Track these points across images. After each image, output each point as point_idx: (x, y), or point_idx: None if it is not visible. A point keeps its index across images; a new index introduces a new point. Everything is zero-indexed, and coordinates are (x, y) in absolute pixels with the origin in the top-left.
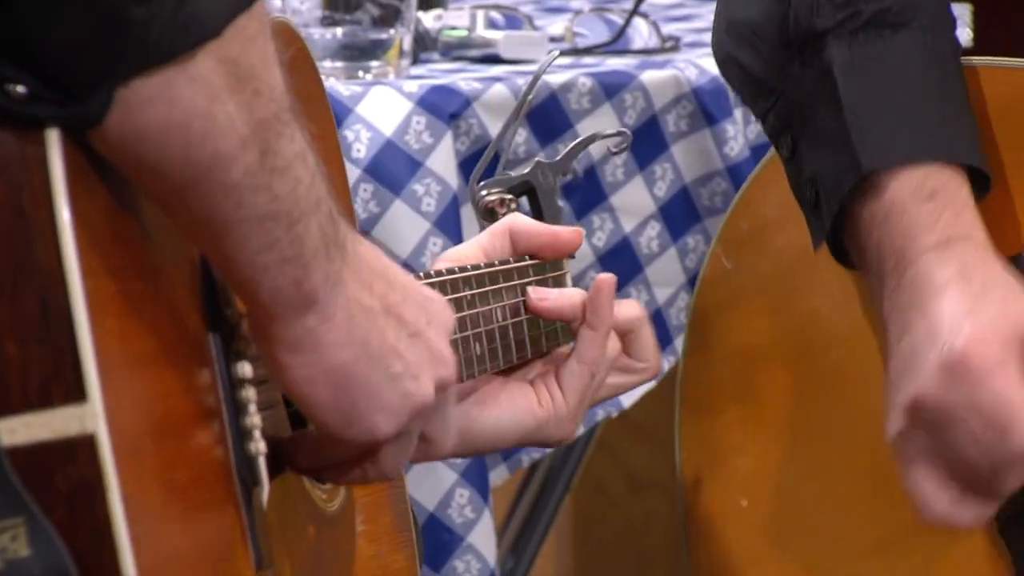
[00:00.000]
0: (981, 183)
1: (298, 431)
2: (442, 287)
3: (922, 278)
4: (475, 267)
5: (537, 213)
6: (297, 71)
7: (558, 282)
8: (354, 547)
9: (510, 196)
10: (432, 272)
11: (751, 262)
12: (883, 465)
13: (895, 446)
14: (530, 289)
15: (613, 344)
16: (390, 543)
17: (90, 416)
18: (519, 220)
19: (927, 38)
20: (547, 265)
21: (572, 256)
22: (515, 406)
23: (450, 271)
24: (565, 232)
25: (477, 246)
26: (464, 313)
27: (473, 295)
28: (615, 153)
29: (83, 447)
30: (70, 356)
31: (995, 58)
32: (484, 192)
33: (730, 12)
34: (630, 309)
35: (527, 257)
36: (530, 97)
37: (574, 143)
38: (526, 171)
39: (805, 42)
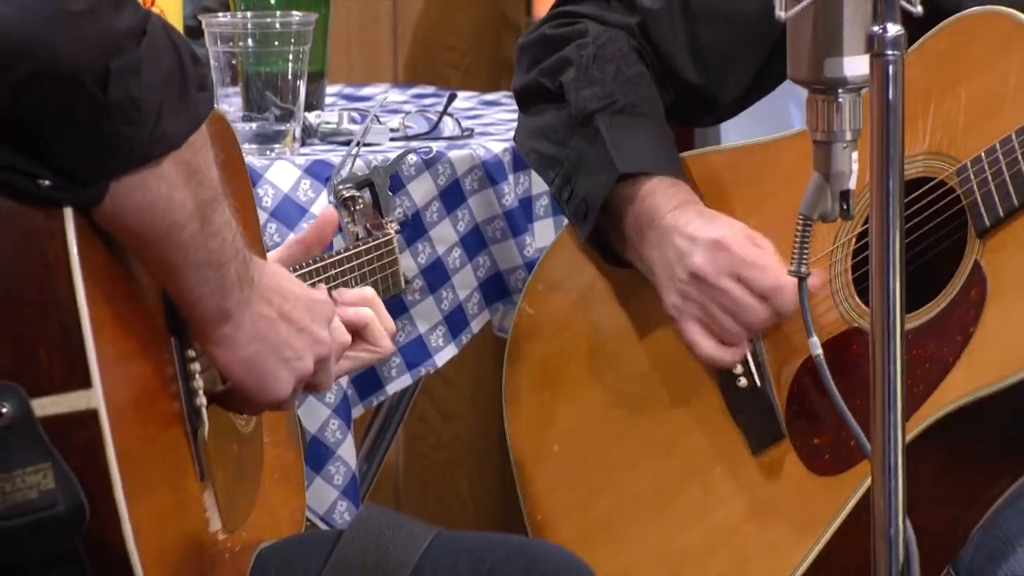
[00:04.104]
0: None
1: (229, 386)
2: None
3: (671, 223)
4: (323, 258)
5: (375, 199)
6: (228, 147)
7: (390, 253)
8: (263, 453)
9: (358, 192)
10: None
11: (546, 306)
12: (642, 404)
13: (673, 313)
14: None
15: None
16: (285, 445)
17: (94, 397)
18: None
19: (657, 123)
20: (383, 243)
21: (400, 231)
22: None
23: (313, 262)
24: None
25: (279, 258)
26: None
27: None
28: (424, 160)
29: (90, 417)
30: (81, 358)
31: (686, 152)
32: (341, 186)
33: (529, 123)
34: (362, 311)
35: (360, 244)
36: (361, 140)
37: (396, 156)
38: (368, 172)
39: (581, 121)
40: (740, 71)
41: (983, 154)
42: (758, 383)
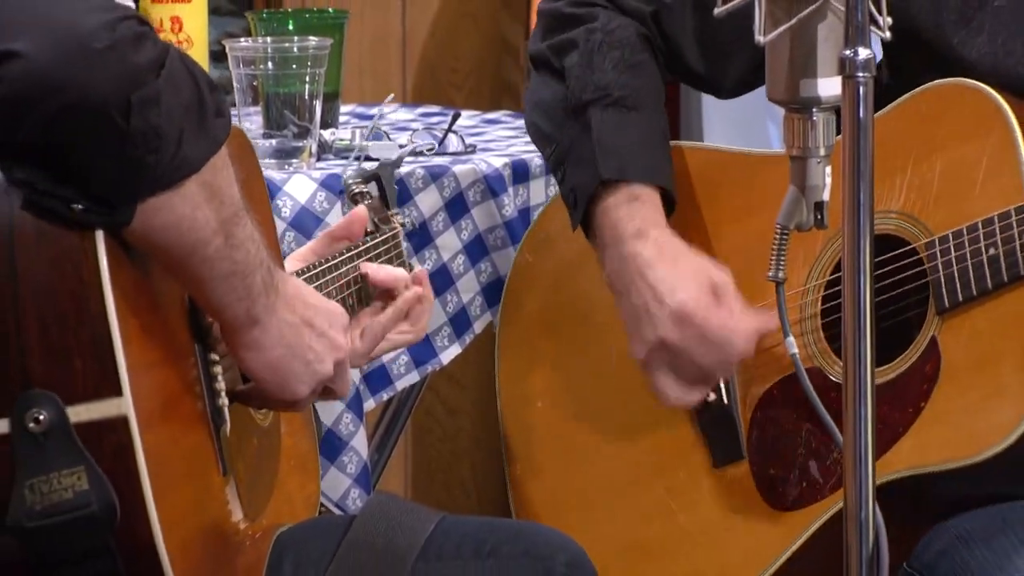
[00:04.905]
0: (671, 204)
1: (250, 386)
2: (319, 273)
3: (633, 254)
4: (332, 257)
5: (382, 192)
6: (248, 162)
7: (396, 247)
8: (280, 444)
9: (366, 188)
10: (315, 264)
11: (544, 258)
12: (622, 386)
13: (642, 363)
14: (364, 265)
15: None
16: (301, 434)
17: (124, 404)
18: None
19: (646, 116)
20: (389, 238)
21: (404, 224)
22: None
23: (322, 262)
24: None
25: (310, 250)
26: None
27: (332, 276)
28: (422, 154)
29: (120, 423)
30: (112, 368)
31: (688, 142)
32: (351, 181)
33: (534, 96)
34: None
35: (369, 240)
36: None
37: (398, 154)
38: (376, 167)
39: (575, 109)
40: (742, 61)
41: (951, 235)
42: (725, 400)
